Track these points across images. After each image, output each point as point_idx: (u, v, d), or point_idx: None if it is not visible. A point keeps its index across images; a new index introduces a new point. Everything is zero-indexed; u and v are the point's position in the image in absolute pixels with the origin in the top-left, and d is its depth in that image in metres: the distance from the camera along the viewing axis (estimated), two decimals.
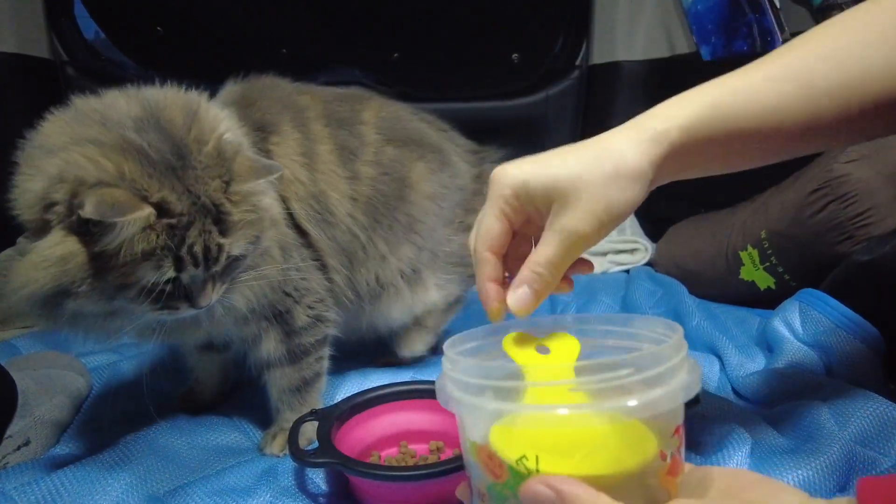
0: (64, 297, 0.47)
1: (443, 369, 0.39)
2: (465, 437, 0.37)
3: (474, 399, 0.35)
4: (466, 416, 0.37)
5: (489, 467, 0.35)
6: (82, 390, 0.78)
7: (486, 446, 0.34)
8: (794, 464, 0.52)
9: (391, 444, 0.65)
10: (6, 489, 0.54)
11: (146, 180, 0.46)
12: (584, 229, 0.42)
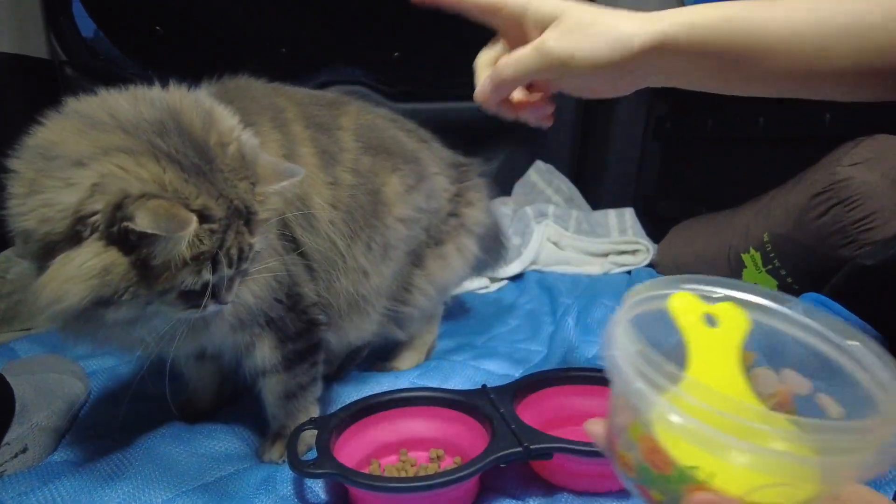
0: (103, 308, 0.46)
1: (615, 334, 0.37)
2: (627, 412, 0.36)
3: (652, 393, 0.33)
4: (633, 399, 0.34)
5: (648, 455, 0.34)
6: (80, 395, 0.77)
7: (652, 438, 0.33)
8: None
9: (391, 451, 0.65)
10: (4, 499, 0.54)
11: (186, 187, 0.46)
12: (555, 48, 0.50)
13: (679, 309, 0.39)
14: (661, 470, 0.33)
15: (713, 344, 0.38)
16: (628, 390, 0.34)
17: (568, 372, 0.71)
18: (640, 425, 0.34)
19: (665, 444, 0.33)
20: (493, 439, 0.56)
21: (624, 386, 0.34)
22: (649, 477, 0.34)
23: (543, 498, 0.57)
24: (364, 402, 0.64)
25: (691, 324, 0.38)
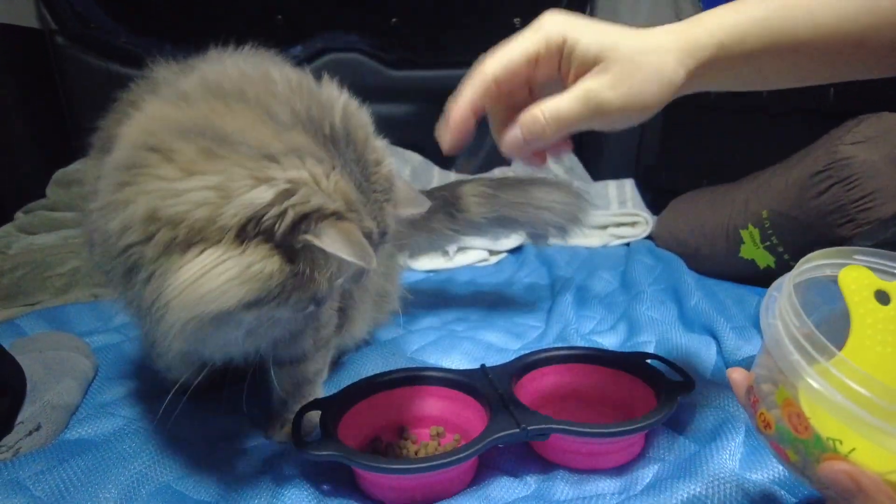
0: (245, 311, 0.43)
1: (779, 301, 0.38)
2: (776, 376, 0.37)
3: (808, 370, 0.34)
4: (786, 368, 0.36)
5: (790, 419, 0.36)
6: (89, 372, 0.79)
7: (797, 405, 0.35)
8: None
9: (392, 429, 0.67)
10: (20, 478, 0.56)
11: (363, 208, 0.45)
12: (609, 98, 0.44)
13: (849, 282, 0.39)
14: (801, 434, 0.35)
15: (879, 321, 0.38)
16: (783, 360, 0.35)
17: (565, 351, 0.73)
18: (787, 391, 0.36)
19: (809, 412, 0.35)
20: (492, 421, 0.58)
21: (779, 355, 0.36)
22: (787, 438, 0.36)
23: (540, 475, 0.59)
24: (366, 383, 0.66)
25: (860, 299, 0.39)
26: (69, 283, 1.11)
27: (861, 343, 0.38)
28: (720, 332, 0.83)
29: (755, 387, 0.40)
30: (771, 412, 0.38)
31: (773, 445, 0.39)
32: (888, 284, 0.39)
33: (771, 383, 0.38)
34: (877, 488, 0.32)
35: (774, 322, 0.37)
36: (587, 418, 0.67)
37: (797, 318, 0.36)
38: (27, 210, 1.39)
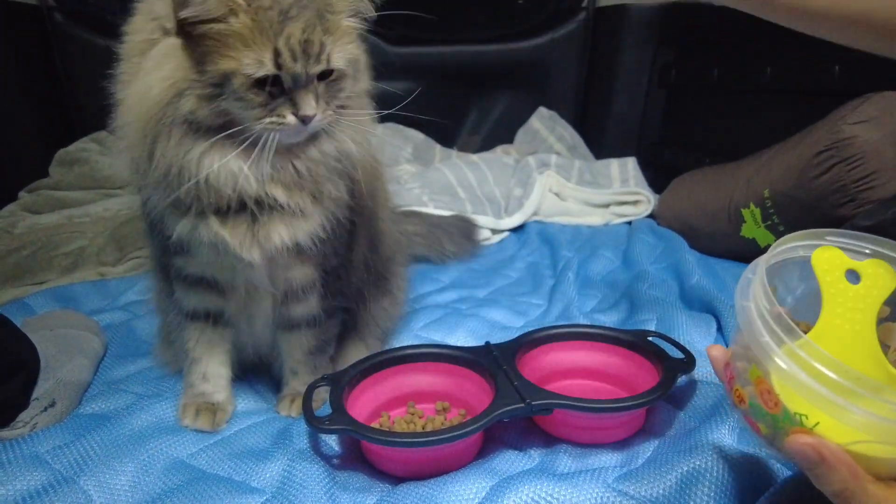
0: (177, 100, 0.50)
1: (752, 284, 0.40)
2: (749, 355, 0.39)
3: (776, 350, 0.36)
4: (757, 349, 0.38)
5: (762, 395, 0.38)
6: (99, 350, 0.80)
7: (767, 382, 0.38)
8: None
9: (399, 404, 0.68)
10: (39, 452, 0.57)
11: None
12: None
13: (822, 262, 0.40)
14: (771, 409, 0.38)
15: (850, 300, 0.40)
16: (754, 341, 0.38)
17: (567, 328, 0.74)
18: (759, 369, 0.38)
19: (778, 389, 0.37)
20: (497, 395, 0.59)
21: (751, 336, 0.38)
22: (759, 412, 0.39)
23: (543, 449, 0.61)
24: (374, 359, 0.67)
25: (832, 279, 0.40)
26: (75, 262, 1.12)
27: (831, 322, 0.40)
28: (721, 310, 0.84)
29: (731, 364, 0.42)
30: (745, 388, 0.40)
31: (746, 419, 0.41)
32: (858, 264, 0.41)
33: (745, 361, 0.40)
34: (837, 459, 0.34)
35: (748, 304, 0.39)
36: (589, 394, 0.69)
37: (768, 300, 0.38)
38: (31, 189, 1.39)
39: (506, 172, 1.56)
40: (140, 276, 1.08)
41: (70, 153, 1.44)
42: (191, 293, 0.65)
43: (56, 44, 1.50)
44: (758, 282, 0.39)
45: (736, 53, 1.38)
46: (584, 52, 1.80)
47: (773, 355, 0.37)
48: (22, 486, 0.53)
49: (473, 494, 0.51)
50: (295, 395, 0.69)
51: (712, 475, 0.51)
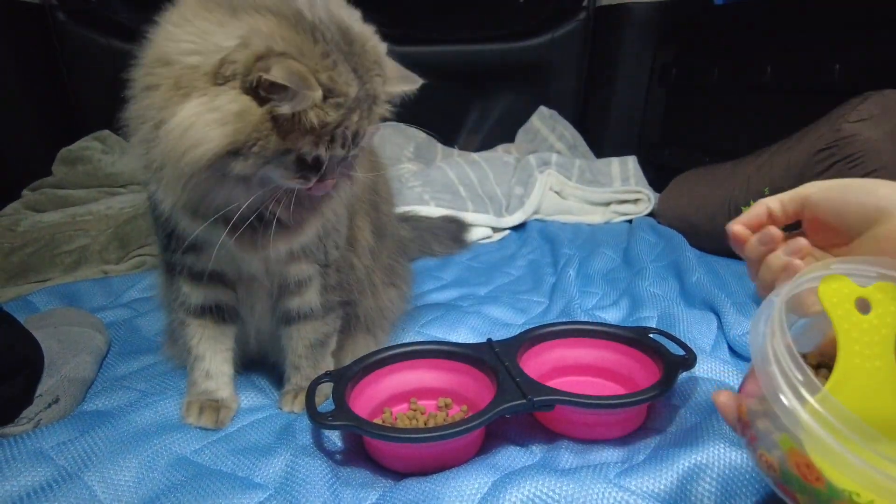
0: (233, 159, 0.50)
1: (767, 332, 0.35)
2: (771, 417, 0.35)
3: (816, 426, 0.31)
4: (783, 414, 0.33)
5: (800, 469, 0.33)
6: (102, 347, 0.81)
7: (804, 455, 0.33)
8: None
9: (402, 400, 0.69)
10: (44, 448, 0.58)
11: (321, 60, 0.49)
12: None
13: (830, 295, 0.37)
14: (812, 483, 0.33)
15: (865, 333, 0.36)
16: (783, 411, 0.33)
17: (568, 325, 0.74)
18: (791, 441, 0.33)
19: (819, 464, 0.32)
20: (499, 392, 0.60)
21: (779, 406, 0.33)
22: (797, 484, 0.34)
23: (545, 445, 0.61)
24: (377, 355, 0.68)
25: (843, 312, 0.36)
26: (78, 260, 1.12)
27: (851, 362, 0.36)
28: (721, 307, 0.85)
29: (750, 423, 0.38)
30: (772, 453, 0.35)
31: (778, 486, 0.36)
32: (867, 291, 0.38)
33: (767, 421, 0.36)
34: None
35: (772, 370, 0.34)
36: (591, 390, 0.69)
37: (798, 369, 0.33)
38: (34, 188, 1.40)
39: (507, 171, 1.56)
40: (143, 274, 1.08)
41: (73, 152, 1.45)
42: (198, 287, 0.66)
43: (58, 43, 1.51)
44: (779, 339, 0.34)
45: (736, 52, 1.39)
46: (585, 52, 1.80)
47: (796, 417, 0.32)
48: (26, 482, 0.54)
49: (475, 490, 0.52)
50: (297, 390, 0.69)
51: (714, 471, 0.52)
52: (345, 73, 0.51)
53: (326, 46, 0.50)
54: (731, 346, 0.79)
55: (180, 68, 0.49)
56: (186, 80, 0.49)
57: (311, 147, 0.51)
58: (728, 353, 0.79)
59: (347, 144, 0.53)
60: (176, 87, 0.49)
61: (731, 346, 0.79)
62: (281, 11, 0.50)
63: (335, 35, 0.51)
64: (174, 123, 0.48)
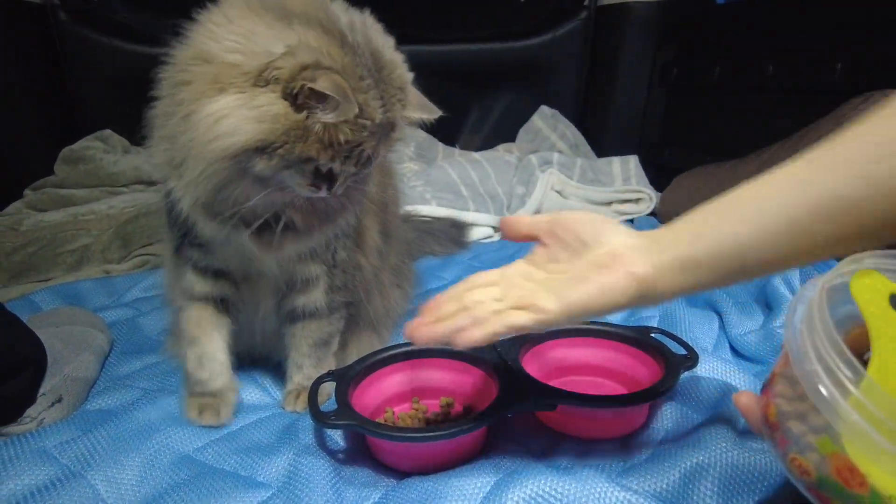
0: (258, 155, 0.51)
1: (807, 324, 0.34)
2: (809, 416, 0.33)
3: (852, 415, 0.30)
4: (825, 412, 0.32)
5: (841, 473, 0.32)
6: (104, 346, 0.81)
7: (846, 458, 0.31)
8: None
9: (404, 399, 0.69)
10: (47, 447, 0.58)
11: (358, 81, 0.52)
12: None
13: (863, 291, 0.36)
14: (855, 489, 0.31)
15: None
16: (822, 404, 0.31)
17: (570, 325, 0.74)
18: (833, 443, 0.32)
19: (865, 469, 0.31)
20: (502, 392, 0.60)
21: (817, 396, 0.31)
22: (835, 489, 0.32)
23: (547, 444, 0.61)
24: (379, 355, 0.68)
25: (877, 310, 0.35)
26: (80, 259, 1.12)
27: (888, 359, 0.34)
28: (723, 307, 0.85)
29: (779, 425, 0.36)
30: (806, 456, 0.33)
31: (811, 492, 0.34)
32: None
33: (801, 423, 0.34)
34: None
35: (813, 368, 0.32)
36: (593, 390, 0.69)
37: (847, 366, 0.31)
38: (36, 187, 1.40)
39: (508, 170, 1.56)
40: (145, 273, 1.09)
41: (75, 151, 1.45)
42: (204, 279, 0.67)
43: (60, 42, 1.51)
44: (821, 332, 0.33)
45: (737, 51, 1.39)
46: (586, 51, 1.80)
47: (838, 410, 0.30)
48: (30, 481, 0.54)
49: (478, 489, 0.52)
50: (300, 390, 0.69)
51: (716, 470, 0.52)
52: (374, 98, 0.53)
53: (363, 70, 0.52)
54: (733, 345, 0.79)
55: (220, 64, 0.50)
56: (225, 76, 0.50)
57: (328, 160, 0.53)
58: (730, 352, 0.79)
59: (361, 164, 0.55)
60: (213, 81, 0.50)
61: (732, 346, 0.79)
62: (329, 29, 0.52)
63: (368, 60, 0.53)
64: (207, 112, 0.50)
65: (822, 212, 0.40)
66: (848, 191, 0.39)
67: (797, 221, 0.41)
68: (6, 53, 1.40)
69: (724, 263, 0.44)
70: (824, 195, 0.40)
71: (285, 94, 0.50)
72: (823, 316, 0.33)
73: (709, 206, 0.46)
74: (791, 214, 0.41)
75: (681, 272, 0.45)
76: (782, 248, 0.42)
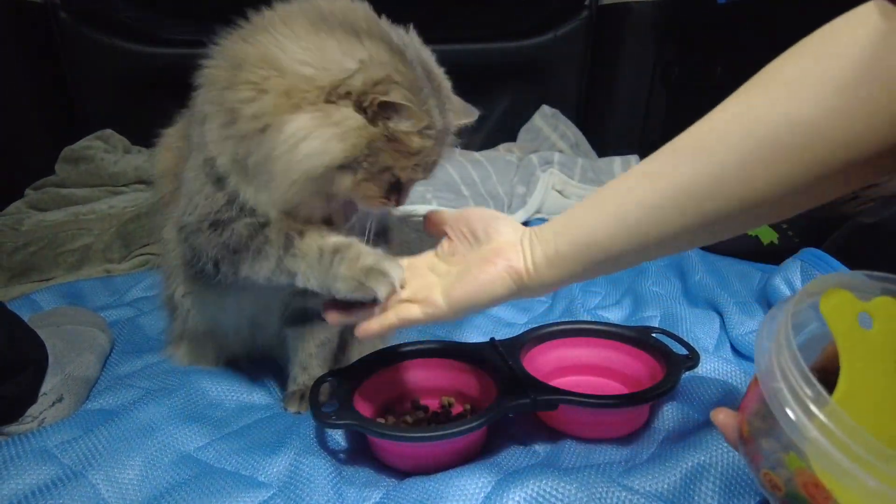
0: (343, 172, 0.53)
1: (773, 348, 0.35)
2: (776, 434, 0.34)
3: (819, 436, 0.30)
4: (789, 432, 0.33)
5: (807, 489, 0.33)
6: (105, 346, 0.81)
7: (812, 475, 0.32)
8: None
9: (405, 399, 0.69)
10: (48, 447, 0.58)
11: (421, 93, 0.53)
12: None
13: (830, 310, 0.36)
14: (816, 500, 0.32)
15: (867, 349, 0.36)
16: (791, 428, 0.32)
17: (571, 325, 0.74)
18: (799, 459, 0.33)
19: (829, 484, 0.31)
20: (502, 391, 0.60)
21: (780, 413, 0.32)
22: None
23: (548, 444, 0.61)
24: (380, 354, 0.68)
25: (846, 328, 0.36)
26: (81, 259, 1.12)
27: (855, 378, 0.35)
28: (724, 306, 0.85)
29: (753, 440, 0.37)
30: (777, 472, 0.34)
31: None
32: (868, 305, 0.37)
33: (772, 440, 0.35)
34: None
35: (777, 386, 0.33)
36: (594, 390, 0.69)
37: (808, 386, 0.32)
38: (37, 187, 1.40)
39: (509, 170, 1.56)
40: (145, 273, 1.09)
41: (75, 151, 1.45)
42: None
43: (61, 42, 1.51)
44: (786, 354, 0.33)
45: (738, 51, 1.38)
46: (587, 51, 1.80)
47: (818, 444, 0.31)
48: (31, 480, 0.54)
49: (479, 489, 0.52)
50: (304, 390, 0.69)
51: (717, 470, 0.52)
52: (435, 108, 0.55)
53: (423, 82, 0.54)
54: (734, 345, 0.79)
55: (293, 76, 0.50)
56: (298, 91, 0.50)
57: (403, 170, 0.55)
58: (731, 352, 0.79)
59: (428, 170, 0.57)
60: (286, 95, 0.50)
61: (733, 346, 0.79)
62: (393, 45, 0.53)
63: (423, 73, 0.55)
64: (289, 133, 0.50)
65: (670, 203, 0.43)
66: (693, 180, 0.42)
67: (650, 213, 0.43)
68: (7, 53, 1.40)
69: (586, 256, 0.47)
70: (670, 187, 0.43)
71: (357, 108, 0.51)
72: (788, 338, 0.34)
73: (580, 203, 0.49)
74: (645, 206, 0.44)
75: (550, 266, 0.49)
76: (639, 238, 0.45)
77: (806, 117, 0.37)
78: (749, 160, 0.40)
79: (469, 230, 0.55)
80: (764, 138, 0.39)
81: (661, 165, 0.45)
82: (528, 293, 0.51)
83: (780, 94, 0.39)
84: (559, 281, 0.50)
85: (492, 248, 0.52)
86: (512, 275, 0.50)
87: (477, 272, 0.51)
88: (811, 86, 0.37)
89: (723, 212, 0.42)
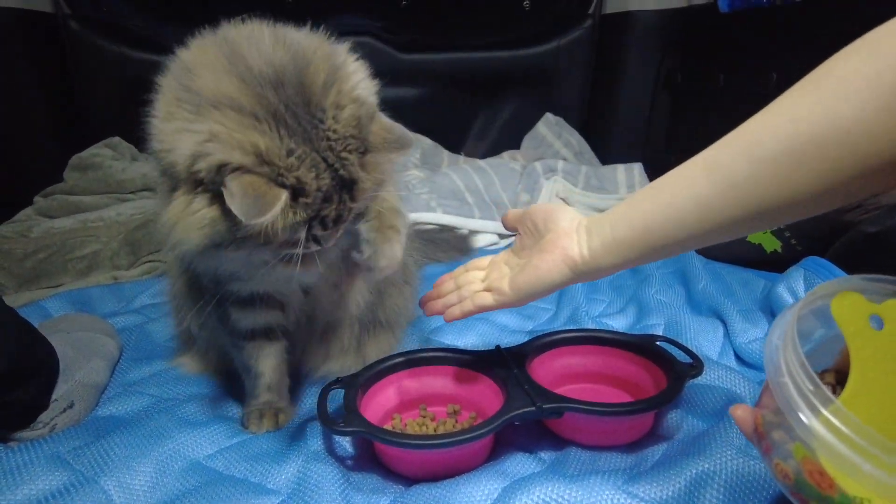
0: (217, 249, 0.51)
1: (781, 348, 0.37)
2: (786, 428, 0.36)
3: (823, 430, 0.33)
4: (795, 423, 0.35)
5: (813, 476, 0.34)
6: (115, 353, 0.82)
7: (817, 463, 0.34)
8: None
9: (412, 407, 0.69)
10: (60, 453, 0.59)
11: (285, 159, 0.47)
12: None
13: (842, 313, 0.38)
14: (825, 490, 0.34)
15: (879, 350, 0.37)
16: (796, 419, 0.34)
17: (576, 332, 0.75)
18: (805, 449, 0.35)
19: (832, 472, 0.33)
20: (508, 399, 0.60)
21: (792, 414, 0.35)
22: (811, 492, 0.35)
23: (554, 451, 0.62)
24: (387, 362, 0.68)
25: (856, 329, 0.37)
26: (90, 265, 1.14)
27: (864, 377, 0.37)
28: (727, 314, 0.85)
29: (766, 434, 0.39)
30: (787, 463, 0.36)
31: (794, 495, 0.37)
32: (880, 308, 0.39)
33: (782, 432, 0.37)
34: None
35: (784, 381, 0.35)
36: (599, 398, 0.69)
37: (808, 377, 0.34)
38: (45, 194, 1.41)
39: (513, 178, 1.57)
40: (153, 280, 1.10)
41: (84, 158, 1.46)
42: (246, 313, 0.66)
43: (70, 51, 1.53)
44: (791, 350, 0.36)
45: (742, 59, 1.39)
46: (591, 59, 1.81)
47: (810, 428, 0.33)
48: (45, 486, 0.55)
49: (485, 496, 0.52)
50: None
51: (721, 478, 0.52)
52: (313, 168, 0.48)
53: (290, 141, 0.47)
54: (738, 353, 0.80)
55: (164, 164, 0.50)
56: (171, 174, 0.50)
57: (290, 236, 0.50)
58: (735, 360, 0.79)
59: (330, 226, 0.51)
60: (168, 174, 0.51)
61: (737, 354, 0.80)
62: (241, 105, 0.47)
63: (303, 117, 0.48)
64: (164, 219, 0.51)
65: (722, 194, 0.44)
66: (742, 175, 0.43)
67: (702, 204, 0.45)
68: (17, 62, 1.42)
69: (642, 243, 0.50)
70: (722, 180, 0.44)
71: (213, 197, 0.48)
72: (794, 337, 0.36)
73: (639, 191, 0.51)
74: (698, 197, 0.46)
75: (607, 252, 0.52)
76: (693, 227, 0.47)
77: (854, 116, 0.38)
78: (794, 158, 0.41)
79: (533, 224, 0.59)
80: (812, 135, 0.40)
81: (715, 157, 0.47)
82: (585, 278, 0.55)
83: (830, 91, 0.40)
84: (615, 266, 0.53)
85: (549, 238, 0.56)
86: (567, 262, 0.54)
87: (537, 261, 0.56)
88: (861, 85, 0.38)
89: (764, 207, 0.43)
